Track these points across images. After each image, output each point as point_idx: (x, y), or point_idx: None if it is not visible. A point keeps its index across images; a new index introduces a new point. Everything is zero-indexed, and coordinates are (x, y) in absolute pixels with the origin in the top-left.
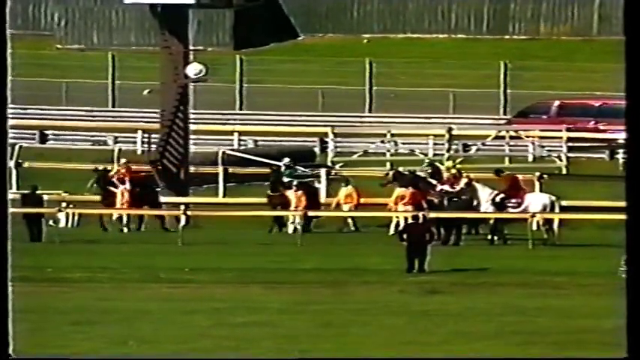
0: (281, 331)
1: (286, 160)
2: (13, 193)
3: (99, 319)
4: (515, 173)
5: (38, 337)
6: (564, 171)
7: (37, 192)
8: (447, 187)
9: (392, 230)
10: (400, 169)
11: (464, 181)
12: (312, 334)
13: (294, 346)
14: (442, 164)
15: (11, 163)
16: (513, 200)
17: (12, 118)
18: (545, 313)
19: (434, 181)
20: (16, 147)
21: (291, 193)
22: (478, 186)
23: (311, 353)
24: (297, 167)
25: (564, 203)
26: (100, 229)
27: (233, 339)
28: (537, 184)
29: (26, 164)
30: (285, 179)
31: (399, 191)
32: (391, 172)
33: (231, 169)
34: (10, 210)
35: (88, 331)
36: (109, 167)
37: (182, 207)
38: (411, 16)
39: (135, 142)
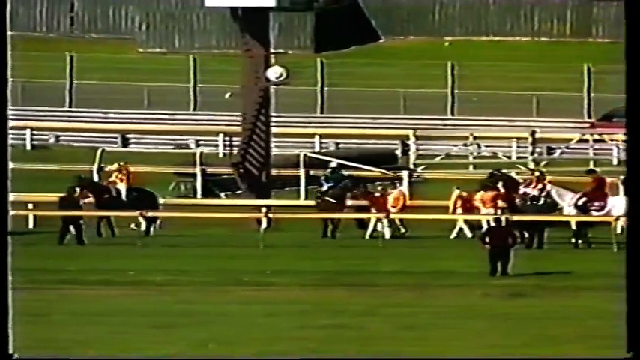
0: (363, 333)
1: (333, 163)
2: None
3: (180, 321)
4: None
5: (119, 340)
6: None
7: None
8: (529, 190)
9: (454, 234)
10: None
11: (545, 185)
12: (394, 336)
13: (376, 349)
14: (526, 167)
15: (94, 168)
16: (596, 204)
17: (94, 121)
18: None
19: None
20: (98, 151)
21: (395, 193)
22: (561, 190)
23: (393, 356)
24: (343, 172)
25: None
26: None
27: (315, 341)
28: (621, 187)
29: (108, 168)
30: (329, 184)
31: (480, 194)
32: (495, 174)
33: (312, 172)
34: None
35: (168, 333)
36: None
37: (264, 209)
38: (493, 19)
39: (216, 146)
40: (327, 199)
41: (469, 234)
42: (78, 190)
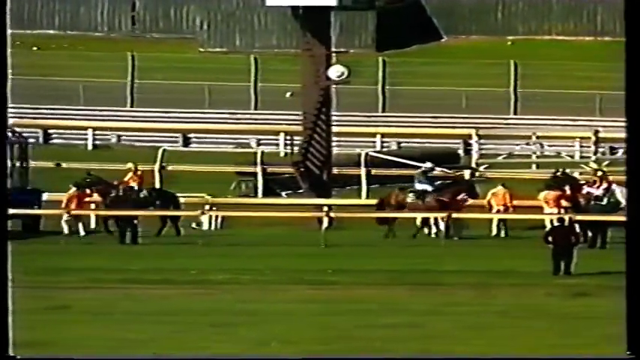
0: (425, 332)
1: (428, 164)
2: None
3: (241, 320)
4: None
5: (180, 339)
6: None
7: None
8: (593, 190)
9: (494, 231)
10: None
11: (610, 184)
12: (457, 335)
13: (439, 348)
14: (588, 166)
15: (155, 167)
16: None
17: (155, 121)
18: None
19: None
20: (160, 150)
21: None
22: (625, 189)
23: (455, 355)
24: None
25: None
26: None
27: (377, 340)
28: None
29: (169, 167)
30: (422, 185)
31: (544, 194)
32: (558, 174)
33: (374, 171)
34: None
35: (230, 332)
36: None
37: (325, 208)
38: (556, 18)
39: (277, 145)
40: (441, 198)
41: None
42: (87, 188)
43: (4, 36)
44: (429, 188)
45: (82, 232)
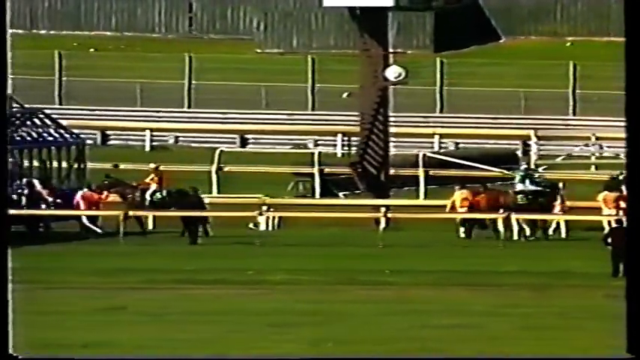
0: (483, 333)
1: (524, 165)
2: (212, 197)
3: (298, 320)
4: None
5: (236, 340)
6: None
7: (197, 194)
8: None
9: (515, 236)
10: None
11: None
12: (515, 336)
13: (497, 349)
14: None
15: (212, 168)
16: None
17: (212, 122)
18: None
19: None
20: (217, 151)
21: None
22: None
23: (513, 355)
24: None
25: None
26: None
27: (435, 341)
28: None
29: (227, 168)
30: (523, 186)
31: (603, 195)
32: (617, 175)
33: (431, 172)
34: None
35: (287, 332)
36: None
37: (382, 209)
38: (615, 19)
39: (335, 145)
40: (541, 199)
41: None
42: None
43: (4, 36)
44: (533, 188)
45: (98, 231)
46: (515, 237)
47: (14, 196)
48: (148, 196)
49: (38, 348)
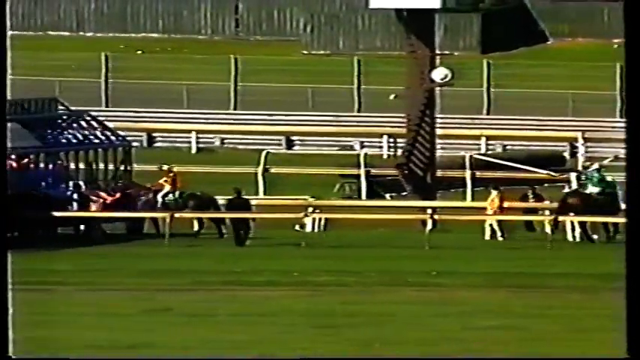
0: (529, 335)
1: (595, 165)
2: (258, 199)
3: (345, 322)
4: None
5: (284, 340)
6: None
7: (242, 196)
8: None
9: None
10: None
11: None
12: (562, 338)
13: (543, 350)
14: None
15: (258, 170)
16: None
17: (258, 124)
18: None
19: None
20: (263, 153)
21: None
22: None
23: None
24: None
25: None
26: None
27: (481, 342)
28: None
29: (273, 170)
30: (594, 188)
31: None
32: None
33: (478, 174)
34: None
35: (333, 334)
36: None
37: (429, 211)
38: None
39: (381, 147)
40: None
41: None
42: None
43: (4, 36)
44: (597, 190)
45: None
46: (578, 239)
47: (62, 198)
48: (159, 198)
49: (82, 349)
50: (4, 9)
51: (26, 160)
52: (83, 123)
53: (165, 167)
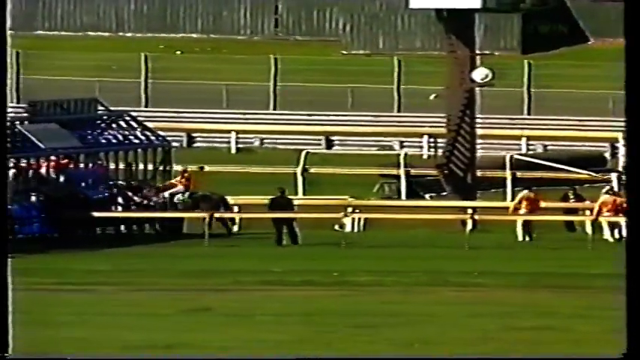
0: (571, 335)
1: None
2: (297, 199)
3: (384, 322)
4: None
5: (323, 340)
6: None
7: (285, 196)
8: None
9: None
10: None
11: None
12: (603, 339)
13: (584, 351)
14: None
15: (298, 170)
16: None
17: (298, 124)
18: None
19: None
20: (303, 153)
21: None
22: None
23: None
24: None
25: None
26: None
27: (521, 343)
28: None
29: (312, 170)
30: None
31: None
32: None
33: (519, 174)
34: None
35: (372, 333)
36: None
37: (469, 211)
38: None
39: (421, 147)
40: None
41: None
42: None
43: (4, 36)
44: None
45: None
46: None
47: (101, 199)
48: (167, 195)
49: (120, 349)
50: (5, 9)
51: (65, 161)
52: (123, 123)
53: (180, 168)
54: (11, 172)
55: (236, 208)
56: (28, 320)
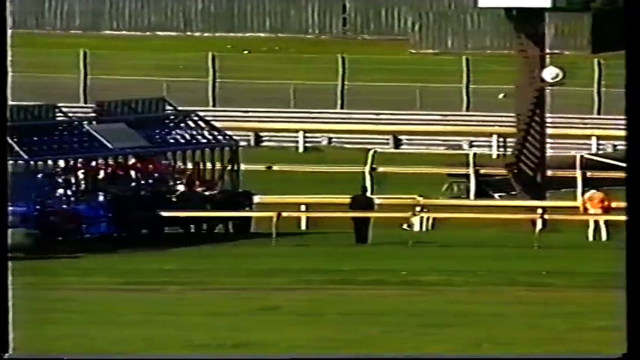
0: None
1: None
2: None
3: (453, 321)
4: None
5: (392, 340)
6: None
7: (366, 195)
8: None
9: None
10: None
11: None
12: None
13: None
14: None
15: (366, 169)
16: None
17: (366, 123)
18: None
19: None
20: (370, 152)
21: None
22: None
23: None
24: None
25: None
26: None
27: (591, 343)
28: None
29: (380, 169)
30: None
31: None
32: None
33: (589, 174)
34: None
35: (441, 333)
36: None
37: (539, 210)
38: None
39: (490, 146)
40: None
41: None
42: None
43: (5, 36)
44: None
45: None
46: None
47: (167, 197)
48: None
49: (187, 348)
50: (5, 9)
51: (133, 161)
52: (190, 123)
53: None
54: (80, 172)
55: (303, 207)
56: (95, 320)
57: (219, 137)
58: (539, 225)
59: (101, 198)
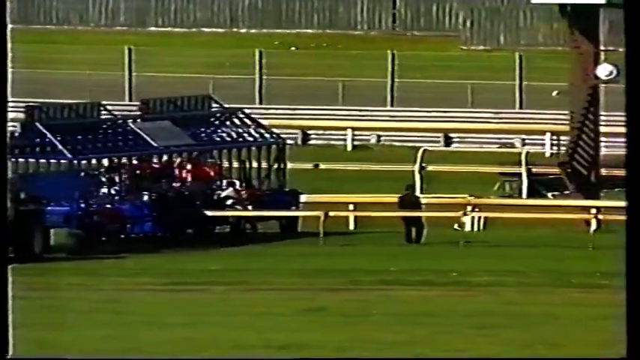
0: None
1: None
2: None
3: (505, 322)
4: None
5: (443, 341)
6: None
7: (415, 193)
8: None
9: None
10: None
11: None
12: None
13: None
14: None
15: (415, 167)
16: None
17: (415, 120)
18: None
19: None
20: (420, 150)
21: None
22: None
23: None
24: None
25: None
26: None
27: None
28: None
29: (430, 167)
30: None
31: None
32: None
33: None
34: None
35: (492, 334)
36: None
37: (593, 210)
38: None
39: (543, 145)
40: None
41: None
42: None
43: (4, 35)
44: None
45: None
46: None
47: (215, 197)
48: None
49: (232, 349)
50: (5, 8)
51: (179, 160)
52: (237, 121)
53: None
54: (124, 170)
55: (351, 207)
56: (140, 321)
57: (266, 135)
58: (593, 225)
59: (146, 197)
